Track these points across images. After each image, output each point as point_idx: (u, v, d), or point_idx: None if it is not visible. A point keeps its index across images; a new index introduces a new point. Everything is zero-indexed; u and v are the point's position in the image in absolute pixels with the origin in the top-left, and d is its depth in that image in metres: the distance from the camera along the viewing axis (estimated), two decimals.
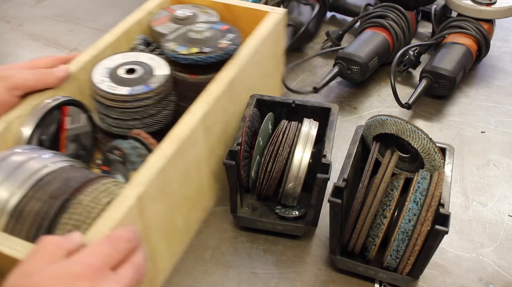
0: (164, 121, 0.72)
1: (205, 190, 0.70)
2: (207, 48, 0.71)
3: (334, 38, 1.05)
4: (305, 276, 0.65)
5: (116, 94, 0.67)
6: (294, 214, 0.68)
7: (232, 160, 0.64)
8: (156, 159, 0.56)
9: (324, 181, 0.62)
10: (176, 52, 0.71)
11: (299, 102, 0.73)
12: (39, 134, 0.64)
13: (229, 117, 0.72)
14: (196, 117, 0.62)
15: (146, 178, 0.54)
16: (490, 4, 0.96)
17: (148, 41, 0.82)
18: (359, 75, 0.92)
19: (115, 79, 0.69)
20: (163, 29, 0.82)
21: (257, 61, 0.78)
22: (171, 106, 0.74)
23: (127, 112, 0.69)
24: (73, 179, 0.53)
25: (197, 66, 0.73)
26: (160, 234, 0.60)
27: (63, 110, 0.67)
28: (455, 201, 0.75)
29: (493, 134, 0.87)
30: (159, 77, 0.70)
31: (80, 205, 0.51)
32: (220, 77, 0.69)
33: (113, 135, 0.71)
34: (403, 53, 0.96)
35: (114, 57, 0.74)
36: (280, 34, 0.85)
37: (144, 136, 0.65)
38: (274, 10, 0.83)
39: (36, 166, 0.54)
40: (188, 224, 0.68)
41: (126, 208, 0.51)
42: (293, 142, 0.67)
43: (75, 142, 0.71)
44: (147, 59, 0.74)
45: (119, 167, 0.66)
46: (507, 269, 0.66)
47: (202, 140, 0.64)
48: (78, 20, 1.20)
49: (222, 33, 0.75)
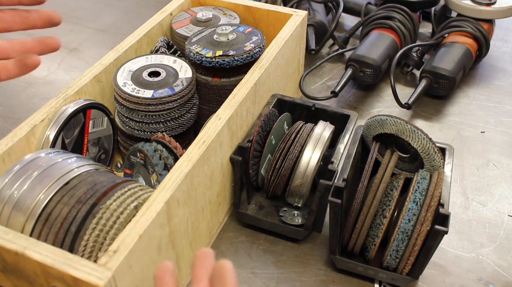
0: (187, 124, 0.73)
1: (227, 193, 0.70)
2: (232, 51, 0.71)
3: (341, 41, 1.05)
4: (305, 276, 0.65)
5: (140, 97, 0.67)
6: (297, 222, 0.68)
7: (240, 155, 0.65)
8: (183, 164, 0.56)
9: (327, 187, 0.62)
10: (201, 55, 0.71)
11: (319, 106, 0.74)
12: (63, 137, 0.64)
13: (253, 119, 0.72)
14: (222, 121, 0.62)
15: (174, 183, 0.54)
16: (490, 4, 0.96)
17: (169, 43, 0.82)
18: (371, 78, 0.92)
19: (139, 82, 0.70)
20: (185, 31, 0.82)
21: (280, 63, 0.78)
22: (194, 110, 0.74)
23: (150, 115, 0.69)
24: (99, 183, 0.53)
25: (220, 69, 0.73)
26: (186, 239, 0.60)
27: (87, 113, 0.67)
28: (455, 201, 0.75)
29: (493, 134, 0.87)
30: (182, 80, 0.70)
31: (108, 210, 0.51)
32: (245, 80, 0.69)
33: (135, 139, 0.71)
34: (404, 54, 0.96)
35: (137, 60, 0.74)
36: (302, 36, 0.85)
37: (168, 140, 0.65)
38: (296, 12, 0.83)
39: (62, 169, 0.54)
40: (211, 228, 0.68)
41: (154, 213, 0.51)
42: (305, 142, 0.67)
43: (96, 146, 0.71)
44: (170, 61, 0.74)
45: (141, 170, 0.66)
46: (507, 269, 0.66)
47: (226, 143, 0.64)
48: (78, 20, 1.20)
49: (246, 35, 0.75)
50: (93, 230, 0.50)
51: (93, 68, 0.71)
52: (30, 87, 0.99)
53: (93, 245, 0.50)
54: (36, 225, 0.51)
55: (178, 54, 0.82)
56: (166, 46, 0.81)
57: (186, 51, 0.74)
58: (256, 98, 0.71)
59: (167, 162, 0.63)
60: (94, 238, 0.50)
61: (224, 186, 0.68)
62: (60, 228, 0.50)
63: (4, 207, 0.52)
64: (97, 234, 0.50)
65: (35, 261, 0.46)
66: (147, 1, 1.29)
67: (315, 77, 1.00)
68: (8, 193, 0.52)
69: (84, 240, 0.50)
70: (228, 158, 0.66)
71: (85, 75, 0.70)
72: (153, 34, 0.82)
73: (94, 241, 0.50)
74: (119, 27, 1.18)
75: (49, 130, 0.63)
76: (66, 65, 1.05)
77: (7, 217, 0.52)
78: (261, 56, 0.73)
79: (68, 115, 0.64)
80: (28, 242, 0.48)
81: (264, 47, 0.75)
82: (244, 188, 0.69)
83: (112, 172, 0.60)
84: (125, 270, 0.47)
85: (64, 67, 1.04)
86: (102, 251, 0.50)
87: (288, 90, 0.87)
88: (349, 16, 1.16)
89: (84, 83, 0.69)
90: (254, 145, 0.67)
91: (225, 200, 0.69)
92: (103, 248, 0.50)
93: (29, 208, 0.51)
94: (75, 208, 0.51)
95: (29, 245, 0.47)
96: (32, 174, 0.53)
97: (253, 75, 0.70)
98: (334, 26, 1.01)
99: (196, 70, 0.74)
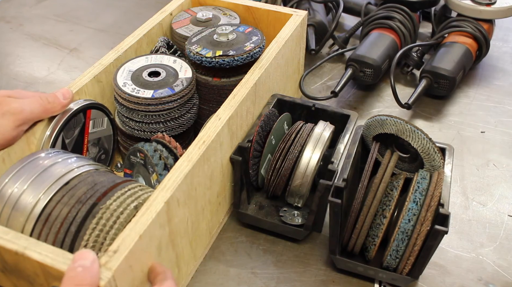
0: (187, 124, 0.73)
1: (227, 193, 0.70)
2: (232, 51, 0.71)
3: (341, 41, 1.05)
4: (305, 276, 0.65)
5: (140, 97, 0.67)
6: (297, 222, 0.68)
7: (240, 155, 0.65)
8: (183, 164, 0.56)
9: (327, 187, 0.62)
10: (201, 55, 0.71)
11: (319, 106, 0.74)
12: (63, 137, 0.64)
13: (253, 119, 0.72)
14: (222, 121, 0.62)
15: (174, 183, 0.54)
16: (490, 4, 0.96)
17: (169, 43, 0.82)
18: (371, 78, 0.92)
19: (139, 82, 0.70)
20: (185, 31, 0.82)
21: (280, 63, 0.78)
22: (194, 110, 0.74)
23: (150, 115, 0.69)
24: (99, 183, 0.53)
25: (220, 69, 0.73)
26: (186, 239, 0.59)
27: (87, 113, 0.67)
28: (455, 201, 0.75)
29: (493, 134, 0.87)
30: (182, 80, 0.70)
31: (108, 210, 0.51)
32: (245, 80, 0.69)
33: (135, 139, 0.71)
34: (404, 54, 0.96)
35: (137, 60, 0.74)
36: (302, 36, 0.85)
37: (168, 140, 0.65)
38: (296, 12, 0.83)
39: (62, 170, 0.54)
40: (211, 228, 0.68)
41: (154, 213, 0.51)
42: (305, 142, 0.67)
43: (96, 146, 0.71)
44: (170, 61, 0.74)
45: (141, 170, 0.66)
46: (507, 269, 0.66)
47: (226, 143, 0.64)
48: (78, 20, 1.20)
49: (246, 35, 0.75)
50: (93, 230, 0.50)
51: (93, 68, 0.71)
52: (30, 87, 0.99)
53: (93, 245, 0.50)
54: (36, 225, 0.51)
55: (178, 54, 0.82)
56: (166, 46, 0.81)
57: (186, 51, 0.74)
58: (256, 98, 0.70)
59: (167, 162, 0.63)
60: (94, 238, 0.50)
61: (224, 186, 0.68)
62: (60, 228, 0.50)
63: (4, 207, 0.52)
64: (97, 234, 0.50)
65: (35, 261, 0.46)
66: (147, 1, 1.29)
67: (315, 77, 1.00)
68: (8, 193, 0.52)
69: (84, 240, 0.50)
70: (228, 158, 0.66)
71: (85, 75, 0.70)
72: (153, 34, 0.82)
73: (94, 241, 0.50)
74: (119, 27, 1.18)
75: (49, 131, 0.63)
76: (66, 65, 1.05)
77: (7, 217, 0.52)
78: (261, 56, 0.73)
79: (68, 116, 0.64)
80: (28, 242, 0.48)
81: (264, 47, 0.75)
82: (244, 188, 0.69)
83: (112, 172, 0.60)
84: (125, 270, 0.47)
85: (64, 67, 1.04)
86: (102, 251, 0.49)
87: (288, 90, 0.87)
88: (349, 16, 1.16)
89: (84, 83, 0.69)
90: (254, 145, 0.67)
91: (225, 200, 0.69)
92: (103, 248, 0.50)
93: (29, 208, 0.51)
94: (75, 208, 0.51)
95: (29, 245, 0.47)
96: (32, 174, 0.53)
97: (253, 75, 0.70)
98: (334, 26, 1.01)
99: (196, 70, 0.74)
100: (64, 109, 0.64)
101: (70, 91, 0.65)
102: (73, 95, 0.65)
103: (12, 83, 1.00)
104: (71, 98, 0.64)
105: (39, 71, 1.03)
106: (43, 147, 0.62)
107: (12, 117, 0.57)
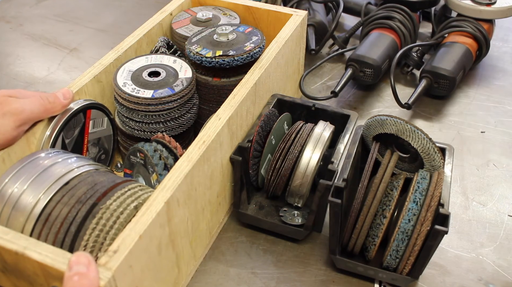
0: (187, 124, 0.73)
1: (227, 193, 0.70)
2: (232, 51, 0.71)
3: (341, 41, 1.05)
4: (305, 276, 0.65)
5: (140, 98, 0.67)
6: (297, 222, 0.68)
7: (240, 155, 0.65)
8: (183, 164, 0.56)
9: (327, 187, 0.62)
10: (201, 55, 0.71)
11: (319, 106, 0.73)
12: (63, 137, 0.64)
13: (253, 119, 0.72)
14: (222, 121, 0.62)
15: (174, 183, 0.54)
16: (490, 4, 0.96)
17: (169, 43, 0.82)
18: (371, 78, 0.92)
19: (139, 82, 0.70)
20: (185, 31, 0.82)
21: (280, 63, 0.78)
22: (194, 110, 0.74)
23: (150, 115, 0.69)
24: (99, 183, 0.53)
25: (220, 69, 0.73)
26: (186, 239, 0.59)
27: (87, 113, 0.67)
28: (455, 201, 0.75)
29: (493, 134, 0.87)
30: (182, 80, 0.70)
31: (108, 210, 0.51)
32: (245, 80, 0.69)
33: (135, 139, 0.71)
34: (404, 54, 0.96)
35: (137, 60, 0.74)
36: (302, 36, 0.85)
37: (168, 140, 0.65)
38: (296, 12, 0.83)
39: (62, 170, 0.54)
40: (211, 228, 0.68)
41: (154, 213, 0.51)
42: (305, 142, 0.67)
43: (96, 146, 0.71)
44: (170, 61, 0.74)
45: (141, 170, 0.66)
46: (507, 269, 0.66)
47: (226, 143, 0.64)
48: (78, 20, 1.20)
49: (246, 35, 0.75)
50: (93, 230, 0.50)
51: (93, 68, 0.71)
52: (30, 87, 0.99)
53: (93, 245, 0.50)
54: (36, 225, 0.51)
55: (178, 54, 0.82)
56: (166, 46, 0.81)
57: (186, 51, 0.74)
58: (256, 98, 0.70)
59: (167, 162, 0.63)
60: (94, 238, 0.50)
61: (224, 186, 0.67)
62: (60, 228, 0.50)
63: (4, 207, 0.52)
64: (97, 234, 0.50)
65: (35, 261, 0.46)
66: (147, 1, 1.29)
67: (315, 77, 1.00)
68: (8, 193, 0.52)
69: (84, 240, 0.50)
70: (228, 158, 0.66)
71: (85, 75, 0.70)
72: (153, 34, 0.82)
73: (94, 241, 0.50)
74: (119, 27, 1.18)
75: (49, 131, 0.63)
76: (66, 65, 1.05)
77: (7, 217, 0.52)
78: (261, 56, 0.73)
79: (68, 116, 0.64)
80: (28, 242, 0.48)
81: (264, 47, 0.75)
82: (244, 188, 0.69)
83: (112, 172, 0.60)
84: (125, 270, 0.47)
85: (64, 67, 1.04)
86: (102, 251, 0.50)
87: (288, 90, 0.87)
88: (349, 16, 1.16)
89: (84, 83, 0.69)
90: (254, 145, 0.67)
91: (225, 200, 0.69)
92: (103, 248, 0.50)
93: (29, 208, 0.51)
94: (75, 208, 0.51)
95: (29, 245, 0.47)
96: (32, 174, 0.53)
97: (253, 75, 0.70)
98: (334, 26, 1.01)
99: (196, 70, 0.74)
100: (64, 109, 0.64)
101: (70, 91, 0.65)
102: (73, 95, 0.65)
103: (12, 83, 1.00)
104: (71, 98, 0.65)
105: (39, 71, 1.03)
106: (43, 147, 0.62)
107: (12, 117, 0.57)
